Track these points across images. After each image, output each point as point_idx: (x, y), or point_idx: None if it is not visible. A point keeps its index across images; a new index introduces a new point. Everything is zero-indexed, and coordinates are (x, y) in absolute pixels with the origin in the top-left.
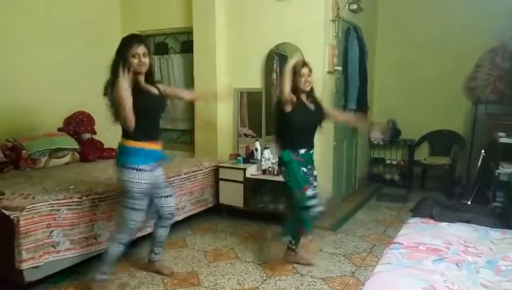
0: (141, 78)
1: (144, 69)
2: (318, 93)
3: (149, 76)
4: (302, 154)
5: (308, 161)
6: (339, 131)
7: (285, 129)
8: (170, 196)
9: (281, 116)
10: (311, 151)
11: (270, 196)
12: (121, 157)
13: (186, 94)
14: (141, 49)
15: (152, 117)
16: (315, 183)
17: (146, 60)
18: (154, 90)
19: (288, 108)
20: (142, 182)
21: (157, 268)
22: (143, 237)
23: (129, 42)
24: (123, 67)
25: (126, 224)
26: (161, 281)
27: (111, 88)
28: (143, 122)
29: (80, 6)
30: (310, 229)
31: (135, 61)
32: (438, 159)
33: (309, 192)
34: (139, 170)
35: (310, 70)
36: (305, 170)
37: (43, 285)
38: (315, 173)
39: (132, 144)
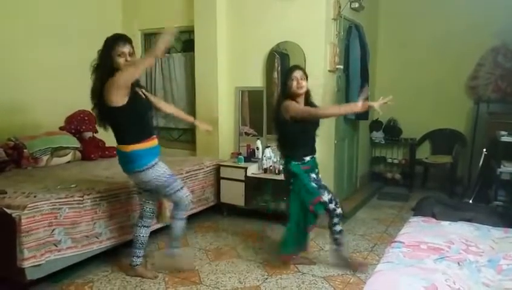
0: None
1: None
2: (319, 92)
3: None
4: (308, 161)
5: (314, 166)
6: (340, 129)
7: (287, 138)
8: (157, 193)
9: (282, 124)
10: (315, 156)
11: (271, 194)
12: (131, 164)
13: (163, 105)
14: (126, 48)
15: (144, 118)
16: None
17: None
18: (139, 92)
19: (287, 116)
20: (164, 170)
21: (140, 272)
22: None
23: (114, 42)
24: (109, 68)
25: (182, 202)
26: (163, 280)
27: (99, 91)
28: (137, 124)
29: (81, 6)
30: (313, 222)
31: (121, 60)
32: (439, 158)
33: (325, 197)
34: (154, 165)
35: (305, 74)
36: (314, 175)
37: (45, 283)
38: (319, 177)
39: (135, 147)
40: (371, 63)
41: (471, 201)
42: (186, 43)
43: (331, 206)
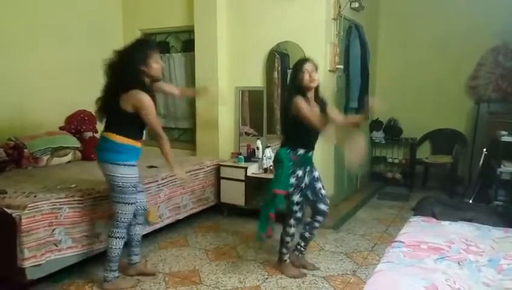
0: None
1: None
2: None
3: None
4: (300, 154)
5: (306, 162)
6: (341, 129)
7: (289, 128)
8: (141, 191)
9: (289, 118)
10: (309, 154)
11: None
12: (112, 154)
13: (175, 90)
14: (159, 55)
15: (145, 125)
16: (319, 185)
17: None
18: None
19: (294, 112)
20: (133, 176)
21: (140, 270)
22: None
23: (151, 48)
24: (136, 73)
25: (120, 219)
26: (163, 279)
27: (115, 92)
28: (137, 127)
29: (81, 5)
30: (261, 230)
31: (157, 67)
32: (440, 157)
33: (296, 198)
34: (130, 165)
35: (315, 66)
36: (300, 172)
37: (45, 283)
38: (316, 174)
39: (124, 140)
40: (371, 62)
41: (471, 201)
42: (186, 43)
43: (295, 208)
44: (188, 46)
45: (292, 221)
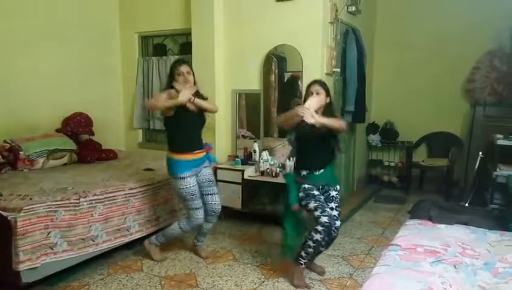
0: None
1: None
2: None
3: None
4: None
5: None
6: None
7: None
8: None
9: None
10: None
11: (268, 197)
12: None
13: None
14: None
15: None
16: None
17: None
18: None
19: None
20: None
21: (197, 251)
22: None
23: None
24: None
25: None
26: (159, 283)
27: None
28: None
29: (78, 8)
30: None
31: None
32: (436, 161)
33: (311, 204)
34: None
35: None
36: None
37: (41, 286)
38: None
39: None
40: (368, 66)
41: (467, 204)
42: (183, 45)
43: (316, 213)
44: (185, 48)
45: (318, 227)
